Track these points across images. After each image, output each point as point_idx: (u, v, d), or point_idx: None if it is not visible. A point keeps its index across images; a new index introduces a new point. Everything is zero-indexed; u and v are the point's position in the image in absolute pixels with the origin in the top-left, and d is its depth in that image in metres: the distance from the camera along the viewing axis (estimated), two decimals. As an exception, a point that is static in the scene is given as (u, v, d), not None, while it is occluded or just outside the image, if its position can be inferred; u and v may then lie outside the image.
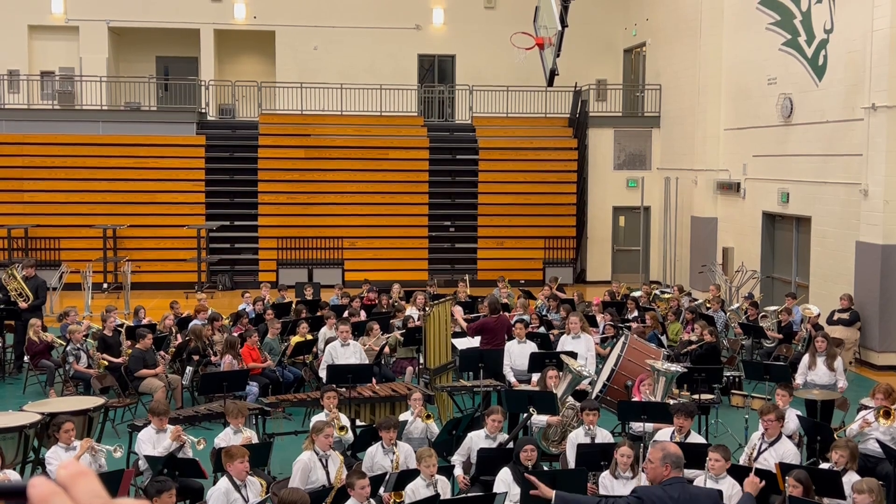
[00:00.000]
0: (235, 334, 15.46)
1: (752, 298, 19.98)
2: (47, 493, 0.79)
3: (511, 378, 13.65)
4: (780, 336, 17.18)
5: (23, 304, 17.36)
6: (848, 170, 18.45)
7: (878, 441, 10.27)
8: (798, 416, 11.35)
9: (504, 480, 8.94)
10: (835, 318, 17.65)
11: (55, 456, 9.67)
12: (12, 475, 9.05)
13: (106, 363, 14.44)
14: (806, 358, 13.26)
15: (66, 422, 9.96)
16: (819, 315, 17.70)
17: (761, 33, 22.21)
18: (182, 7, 29.77)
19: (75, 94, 29.06)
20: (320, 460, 9.19)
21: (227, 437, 9.76)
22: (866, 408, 10.69)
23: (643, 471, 6.82)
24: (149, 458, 9.77)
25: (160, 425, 10.12)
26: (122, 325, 15.58)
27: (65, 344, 14.84)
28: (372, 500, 8.21)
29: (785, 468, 8.87)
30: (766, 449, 9.74)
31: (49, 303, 18.68)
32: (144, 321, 16.44)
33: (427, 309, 15.56)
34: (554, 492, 7.57)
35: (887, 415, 10.40)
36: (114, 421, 13.03)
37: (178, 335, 15.82)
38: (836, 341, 14.14)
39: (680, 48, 26.30)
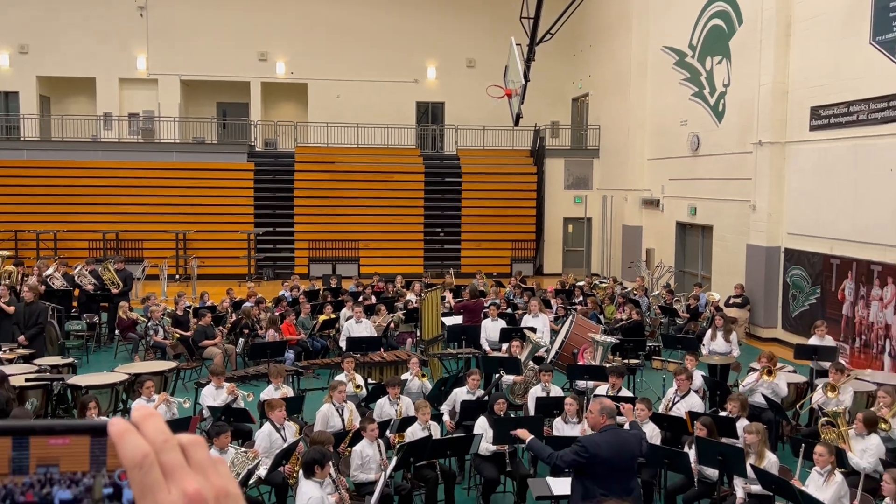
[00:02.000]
0: (277, 314, 15.48)
1: (668, 287, 20.04)
2: (123, 430, 0.78)
3: (486, 347, 13.79)
4: (689, 315, 17.27)
5: (114, 290, 17.37)
6: (741, 190, 18.53)
7: (763, 395, 10.33)
8: (703, 376, 11.44)
9: (481, 425, 8.94)
10: (730, 302, 17.80)
11: (146, 405, 9.72)
12: None
13: (178, 336, 14.47)
14: (709, 332, 13.36)
15: (148, 380, 10.07)
16: (719, 300, 17.88)
17: (676, 87, 22.30)
18: (236, 64, 29.78)
19: (154, 130, 29.00)
20: (337, 410, 9.23)
21: (269, 392, 9.76)
22: (754, 370, 10.74)
23: (585, 418, 6.83)
24: (210, 408, 9.78)
25: (218, 383, 10.14)
26: (189, 307, 15.58)
27: (146, 321, 14.83)
28: (380, 439, 8.20)
29: (693, 415, 8.92)
30: (678, 401, 9.79)
31: (134, 289, 18.65)
32: (207, 304, 16.43)
33: (422, 295, 15.63)
34: (530, 437, 7.56)
35: (769, 373, 10.47)
36: (183, 379, 13.03)
37: (233, 314, 15.81)
38: (731, 319, 14.23)
39: (614, 98, 26.33)
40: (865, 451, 8.14)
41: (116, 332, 16.21)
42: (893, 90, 14.05)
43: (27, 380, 10.95)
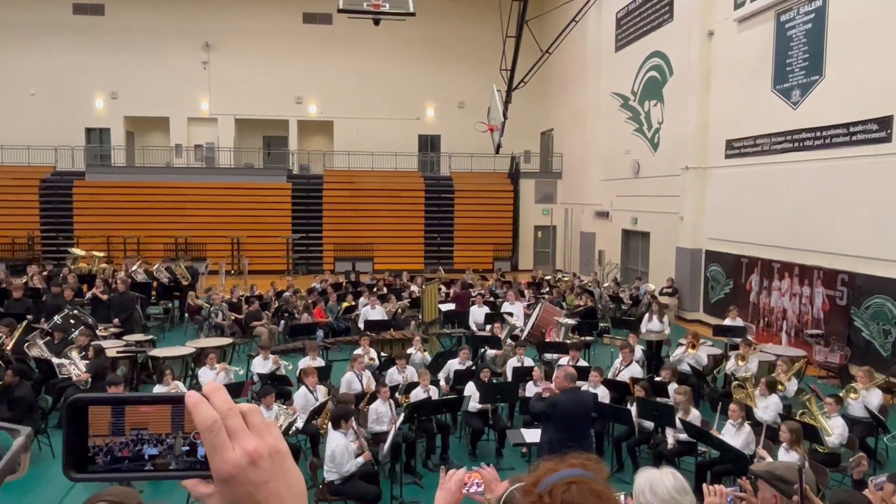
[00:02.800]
0: (310, 301, 15.47)
1: (616, 280, 20.11)
2: (197, 400, 0.79)
3: (474, 328, 13.74)
4: (631, 302, 17.30)
5: (184, 283, 17.35)
6: (671, 205, 18.56)
7: (688, 364, 10.39)
8: (642, 349, 11.47)
9: (470, 389, 8.98)
10: (663, 291, 17.82)
11: (203, 374, 9.76)
12: (180, 385, 9.08)
13: (233, 318, 14.46)
14: (646, 315, 13.37)
15: (210, 352, 10.08)
16: (654, 290, 17.90)
17: (621, 124, 22.32)
18: (278, 106, 29.69)
19: (214, 158, 28.91)
20: (357, 377, 9.22)
21: (305, 362, 9.74)
22: (681, 344, 10.77)
23: (552, 383, 6.85)
24: (259, 375, 9.80)
25: (265, 355, 10.13)
26: (242, 296, 15.56)
27: (209, 306, 14.81)
28: (391, 399, 8.23)
29: (634, 380, 8.98)
30: (623, 369, 9.81)
31: (199, 282, 18.61)
32: (255, 293, 16.42)
33: (423, 286, 15.64)
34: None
35: (693, 347, 10.53)
36: (238, 352, 13.04)
37: (276, 301, 15.80)
38: (664, 305, 14.25)
39: (573, 132, 26.34)
40: (767, 408, 8.21)
41: (186, 315, 16.22)
42: (788, 128, 14.16)
43: (118, 352, 11.05)
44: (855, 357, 11.95)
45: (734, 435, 7.26)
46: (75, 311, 13.26)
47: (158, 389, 8.64)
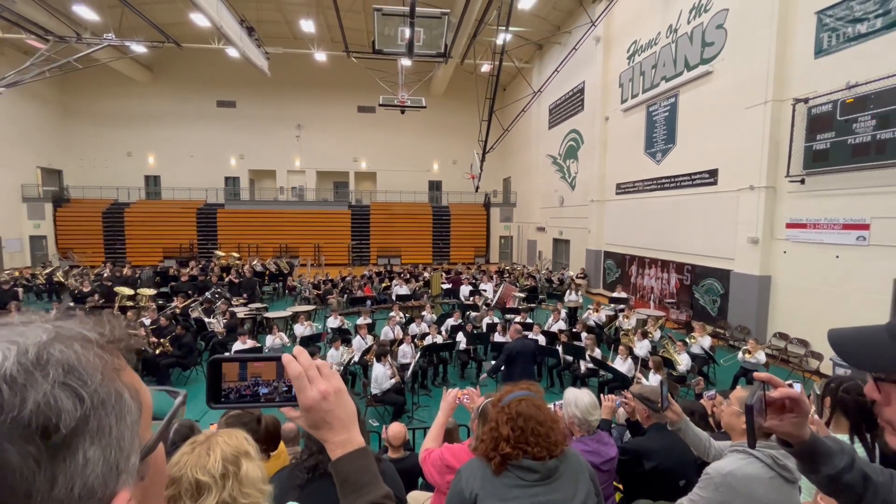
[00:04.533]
0: (362, 282, 15.39)
1: (549, 269, 20.01)
2: (289, 359, 0.79)
3: (462, 299, 13.61)
4: (559, 282, 17.17)
5: (286, 271, 17.25)
6: (582, 223, 18.40)
7: (593, 321, 10.25)
8: (565, 311, 11.26)
9: (460, 337, 8.97)
10: (578, 276, 17.68)
11: (297, 328, 9.45)
12: (283, 336, 8.92)
13: (315, 293, 14.38)
14: (568, 291, 13.30)
15: (301, 314, 9.90)
16: (573, 275, 17.77)
17: (552, 173, 22.10)
18: (342, 162, 29.40)
19: (303, 195, 28.70)
20: (391, 330, 9.14)
21: (360, 321, 9.67)
22: (588, 309, 10.63)
23: (508, 335, 6.80)
24: (331, 329, 9.65)
25: (335, 316, 10.00)
26: (320, 279, 15.46)
27: (300, 286, 14.75)
28: (412, 343, 8.20)
29: (560, 332, 8.88)
30: (553, 325, 9.72)
31: (294, 271, 18.52)
32: (329, 278, 16.32)
33: (431, 273, 15.55)
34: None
35: (596, 310, 10.40)
36: (318, 315, 12.85)
37: (342, 282, 15.72)
38: (579, 285, 14.16)
39: (524, 178, 26.12)
40: (642, 348, 8.15)
41: (286, 291, 16.12)
42: (654, 175, 14.11)
43: (245, 315, 10.97)
44: (695, 316, 11.92)
45: (621, 364, 7.26)
46: (218, 290, 13.24)
47: (269, 338, 8.56)
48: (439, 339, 8.80)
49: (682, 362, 7.48)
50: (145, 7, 19.26)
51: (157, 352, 8.18)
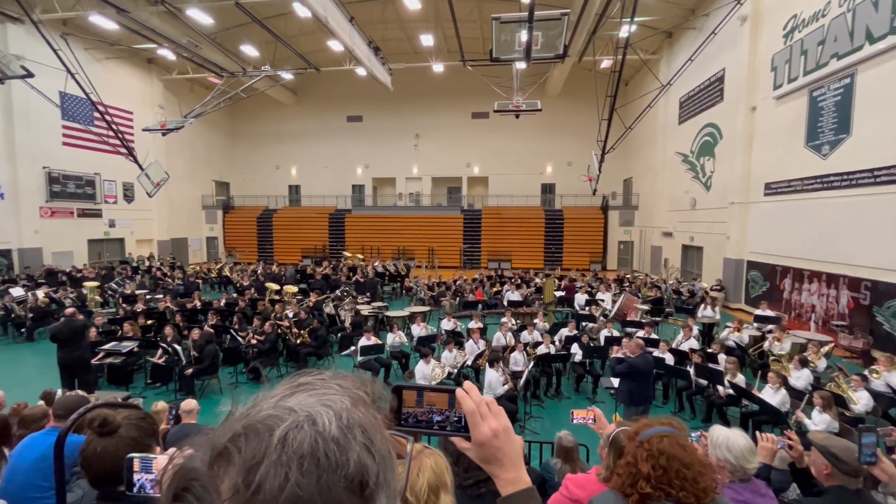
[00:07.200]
0: (474, 286, 15.38)
1: (677, 279, 18.06)
2: (463, 394, 0.82)
3: (577, 309, 12.96)
4: (689, 295, 15.44)
5: (403, 273, 18.10)
6: (721, 228, 16.36)
7: (734, 342, 9.11)
8: (698, 329, 10.22)
9: (575, 348, 8.60)
10: (713, 288, 15.74)
11: (414, 329, 9.77)
12: (401, 335, 9.03)
13: (430, 295, 14.67)
14: (702, 305, 11.91)
15: (418, 315, 10.19)
16: (707, 287, 15.89)
17: (682, 173, 20.04)
18: (455, 167, 30.24)
19: (420, 200, 30.16)
20: (503, 336, 8.97)
21: (472, 324, 9.67)
22: (728, 327, 9.47)
23: (626, 349, 6.26)
24: (445, 331, 9.79)
25: (449, 318, 10.13)
26: (435, 282, 15.80)
27: (416, 287, 15.22)
28: (524, 351, 8.08)
29: (692, 351, 8.03)
30: (683, 342, 8.83)
31: (411, 272, 19.24)
32: (442, 280, 16.65)
33: (544, 279, 15.03)
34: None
35: (738, 329, 9.23)
36: (432, 316, 13.21)
37: (454, 285, 15.89)
38: (714, 298, 12.59)
39: (647, 178, 24.12)
40: (800, 378, 6.96)
41: (404, 291, 16.94)
42: (813, 173, 11.88)
43: (368, 313, 11.85)
44: (876, 344, 9.73)
45: (772, 395, 6.24)
46: (346, 288, 14.59)
47: (390, 336, 9.13)
48: (552, 350, 8.54)
49: (860, 401, 6.15)
50: (293, 40, 22.32)
51: (298, 342, 9.34)
